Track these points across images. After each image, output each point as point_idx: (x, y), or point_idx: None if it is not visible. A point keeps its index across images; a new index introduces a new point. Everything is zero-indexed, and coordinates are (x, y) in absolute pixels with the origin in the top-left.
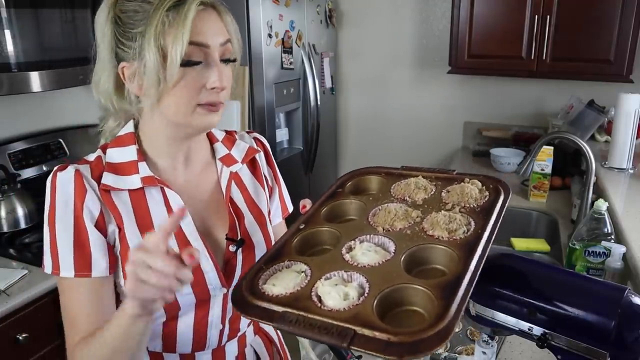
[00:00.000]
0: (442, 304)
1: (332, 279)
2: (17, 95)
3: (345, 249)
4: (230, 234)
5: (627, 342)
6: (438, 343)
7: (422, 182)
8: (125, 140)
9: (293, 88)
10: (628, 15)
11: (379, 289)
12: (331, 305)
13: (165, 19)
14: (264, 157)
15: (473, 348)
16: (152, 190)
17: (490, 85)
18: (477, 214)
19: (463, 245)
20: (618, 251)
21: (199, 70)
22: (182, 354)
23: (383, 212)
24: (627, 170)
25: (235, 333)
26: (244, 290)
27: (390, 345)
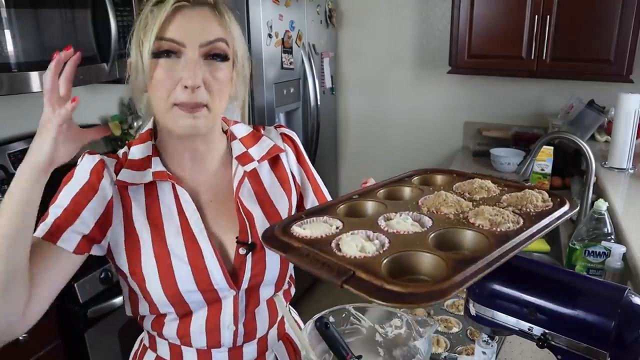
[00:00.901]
0: (449, 272)
1: (356, 234)
2: (17, 95)
3: (384, 217)
4: (241, 236)
5: (627, 342)
6: (426, 300)
7: (488, 184)
8: (144, 136)
9: (293, 88)
10: (628, 15)
11: (396, 250)
12: (345, 251)
13: (149, 14)
14: (294, 155)
15: (473, 348)
16: (164, 185)
17: (490, 85)
18: (529, 217)
19: (499, 236)
20: (618, 251)
21: (173, 65)
22: (198, 348)
23: (434, 196)
24: (627, 170)
25: (252, 335)
26: (277, 228)
27: (379, 290)
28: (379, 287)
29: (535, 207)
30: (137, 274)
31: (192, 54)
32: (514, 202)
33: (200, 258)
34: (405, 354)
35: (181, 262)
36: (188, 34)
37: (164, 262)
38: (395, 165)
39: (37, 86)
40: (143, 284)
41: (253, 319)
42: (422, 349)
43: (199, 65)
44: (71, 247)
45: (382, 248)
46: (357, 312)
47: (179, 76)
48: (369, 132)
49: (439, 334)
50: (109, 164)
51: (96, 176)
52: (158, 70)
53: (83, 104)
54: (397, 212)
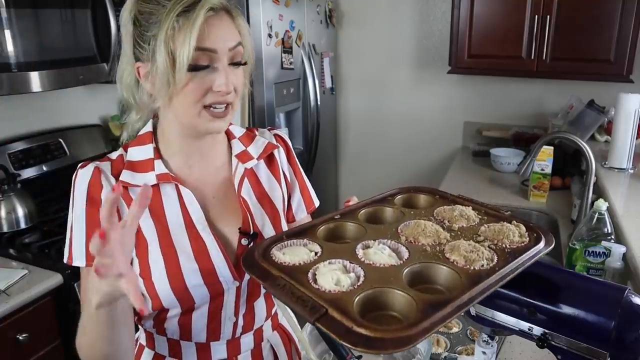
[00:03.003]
0: (417, 317)
1: (334, 264)
2: (17, 95)
3: (362, 245)
4: (243, 227)
5: (627, 342)
6: (393, 347)
7: (468, 212)
8: (144, 139)
9: (293, 88)
10: (628, 15)
11: (370, 286)
12: (321, 284)
13: (175, 24)
14: (285, 154)
15: (473, 348)
16: (167, 187)
17: (490, 85)
18: (504, 254)
19: (472, 276)
20: (618, 251)
21: (206, 74)
22: (197, 342)
23: (414, 225)
24: (627, 170)
25: (250, 326)
26: (256, 251)
27: (349, 332)
28: (348, 329)
29: (512, 242)
30: (145, 272)
31: (223, 61)
32: (490, 236)
33: (206, 253)
34: (405, 354)
35: (188, 258)
36: (219, 40)
37: (171, 259)
38: (395, 165)
39: (37, 86)
40: (150, 281)
41: (252, 310)
42: (422, 349)
43: (230, 73)
44: None
45: (358, 281)
46: None
47: (211, 82)
48: (368, 132)
49: (439, 334)
50: (104, 169)
51: (94, 188)
52: (194, 81)
53: (83, 104)
54: (376, 238)
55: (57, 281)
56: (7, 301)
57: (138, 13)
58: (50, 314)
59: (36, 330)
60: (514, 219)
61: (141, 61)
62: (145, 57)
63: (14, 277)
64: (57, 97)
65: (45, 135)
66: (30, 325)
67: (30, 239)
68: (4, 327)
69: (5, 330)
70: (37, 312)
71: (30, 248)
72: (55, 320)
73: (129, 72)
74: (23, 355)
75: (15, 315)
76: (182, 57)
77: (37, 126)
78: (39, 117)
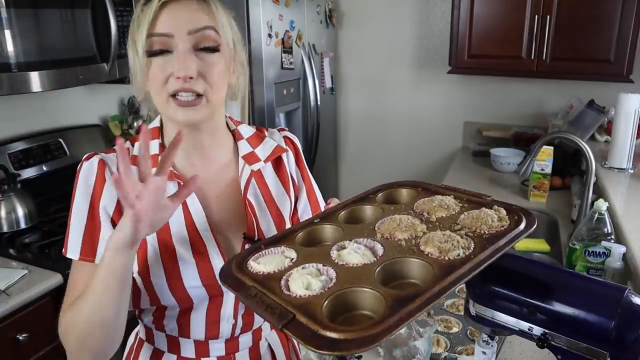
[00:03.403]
0: (386, 314)
1: (307, 269)
2: (17, 95)
3: (337, 246)
4: (248, 232)
5: (627, 342)
6: (356, 347)
7: (448, 201)
8: (150, 134)
9: (293, 88)
10: (628, 15)
11: (339, 287)
12: (292, 290)
13: (140, 15)
14: (293, 157)
15: (473, 348)
16: (170, 184)
17: (490, 85)
18: (482, 241)
19: (445, 266)
20: (618, 251)
21: (165, 60)
22: (196, 340)
23: (390, 220)
24: (627, 170)
25: (249, 327)
26: (234, 262)
27: (314, 336)
28: (314, 332)
29: (490, 227)
30: (143, 270)
31: (182, 46)
32: (468, 224)
33: (205, 255)
34: (405, 354)
35: (187, 259)
36: (175, 24)
37: (170, 259)
38: (395, 165)
39: (37, 86)
40: (148, 279)
41: (251, 312)
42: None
43: (191, 57)
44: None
45: (329, 284)
46: None
47: (172, 67)
48: (368, 132)
49: (439, 334)
50: (109, 162)
51: (97, 182)
52: (153, 67)
53: (83, 104)
54: (352, 238)
55: (57, 281)
56: (7, 301)
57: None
58: (50, 314)
59: (36, 330)
60: (495, 204)
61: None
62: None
63: (14, 277)
64: (57, 97)
65: (45, 135)
66: (30, 325)
67: (30, 239)
68: (4, 327)
69: (5, 330)
70: (37, 312)
71: (30, 248)
72: (55, 320)
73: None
74: (23, 355)
75: (15, 315)
76: (139, 44)
77: (37, 126)
78: (39, 117)
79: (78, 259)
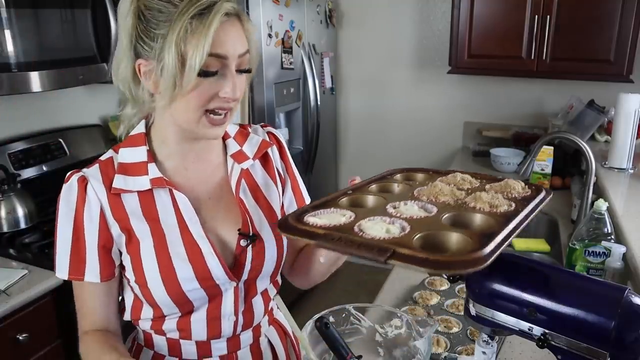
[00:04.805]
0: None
1: (375, 220)
2: (17, 95)
3: (390, 205)
4: (243, 228)
5: (627, 342)
6: (471, 266)
7: (468, 177)
8: (136, 140)
9: (293, 88)
10: (628, 15)
11: (419, 231)
12: (372, 235)
13: (188, 26)
14: (277, 151)
15: (473, 348)
16: (161, 191)
17: (490, 85)
18: (518, 201)
19: (502, 215)
20: (618, 251)
21: (214, 80)
22: (198, 341)
23: (429, 187)
24: (627, 170)
25: (249, 324)
26: (290, 218)
27: (426, 261)
28: (424, 258)
29: (518, 193)
30: (140, 278)
31: (231, 67)
32: (499, 189)
33: (201, 257)
34: (405, 354)
35: (182, 262)
36: (231, 47)
37: (166, 265)
38: (395, 165)
39: (37, 86)
40: (146, 288)
41: (250, 308)
42: (422, 349)
43: (238, 80)
44: (97, 278)
45: (404, 231)
46: (357, 312)
47: (219, 88)
48: (368, 132)
49: (439, 334)
50: (91, 177)
51: (80, 207)
52: (201, 86)
53: (83, 104)
54: (398, 202)
55: (57, 281)
56: (7, 301)
57: (144, 8)
58: (50, 314)
59: (36, 330)
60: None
61: (143, 58)
62: (149, 55)
63: (14, 277)
64: (57, 97)
65: (45, 135)
66: (30, 325)
67: (30, 239)
68: (4, 327)
69: (5, 330)
70: (37, 312)
71: (30, 248)
72: (55, 320)
73: (126, 65)
74: (23, 355)
75: (15, 315)
76: (193, 61)
77: (37, 126)
78: (39, 117)
79: (67, 279)
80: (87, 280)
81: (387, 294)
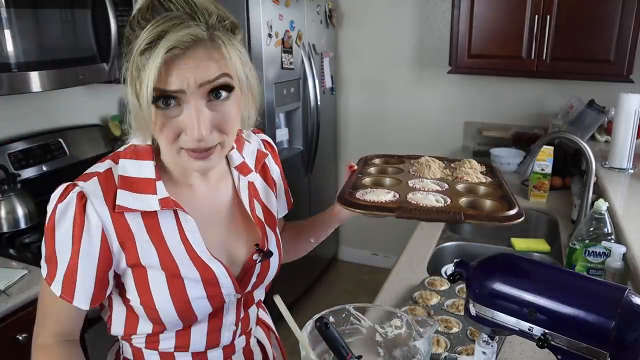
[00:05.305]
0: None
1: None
2: (17, 95)
3: (411, 183)
4: (261, 244)
5: (627, 342)
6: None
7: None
8: (142, 153)
9: (293, 88)
10: (628, 15)
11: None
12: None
13: (139, 63)
14: (272, 159)
15: (473, 348)
16: (166, 212)
17: (490, 85)
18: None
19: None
20: (618, 251)
21: (175, 112)
22: (194, 352)
23: (423, 166)
24: (627, 170)
25: (245, 330)
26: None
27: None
28: (490, 215)
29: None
30: (146, 300)
31: (194, 102)
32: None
33: (214, 277)
34: (405, 354)
35: (195, 284)
36: (184, 80)
37: (177, 286)
38: None
39: (37, 86)
40: (153, 309)
41: (247, 316)
42: (422, 349)
43: (203, 115)
44: (87, 305)
45: (447, 201)
46: (357, 312)
47: (184, 124)
48: (368, 132)
49: (439, 334)
50: (90, 194)
51: (77, 230)
52: (160, 119)
53: (83, 104)
54: (412, 180)
55: None
56: (7, 301)
57: (129, 31)
58: None
59: None
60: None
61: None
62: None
63: (14, 277)
64: (57, 97)
65: (45, 135)
66: (30, 325)
67: (30, 239)
68: (4, 327)
69: (5, 330)
70: None
71: (30, 248)
72: None
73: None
74: (23, 355)
75: (15, 315)
76: (142, 100)
77: (37, 126)
78: (39, 117)
79: (59, 296)
80: (75, 304)
81: (387, 294)
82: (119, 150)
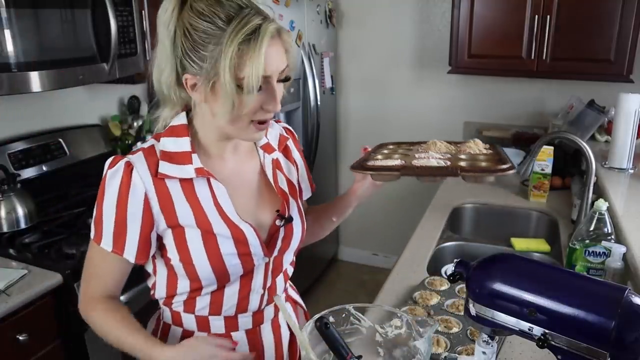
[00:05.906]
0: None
1: (424, 159)
2: (17, 95)
3: (418, 155)
4: (282, 210)
5: (627, 342)
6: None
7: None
8: (178, 131)
9: (293, 88)
10: (628, 15)
11: (458, 162)
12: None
13: (239, 51)
14: (293, 142)
15: (473, 348)
16: (200, 180)
17: (490, 85)
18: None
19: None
20: (618, 251)
21: (259, 94)
22: (226, 316)
23: (430, 144)
24: (627, 170)
25: (271, 300)
26: (364, 164)
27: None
28: (484, 168)
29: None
30: (185, 256)
31: (275, 83)
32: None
33: (243, 236)
34: (405, 354)
35: (227, 240)
36: (275, 65)
37: (211, 243)
38: None
39: (37, 86)
40: (191, 265)
41: (274, 284)
42: (422, 349)
43: (280, 94)
44: (133, 257)
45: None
46: (357, 312)
47: (263, 101)
48: (368, 132)
49: (439, 334)
50: (136, 163)
51: (124, 191)
52: (249, 100)
53: (83, 104)
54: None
55: (57, 281)
56: (7, 301)
57: (190, 27)
58: (50, 314)
59: (36, 330)
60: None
61: (189, 73)
62: (197, 72)
63: (14, 277)
64: (57, 97)
65: (45, 135)
66: (30, 325)
67: (30, 239)
68: (4, 327)
69: (5, 330)
70: (37, 312)
71: (30, 248)
72: (55, 320)
73: (169, 73)
74: (23, 355)
75: (15, 315)
76: (249, 85)
77: (37, 126)
78: (38, 117)
79: (110, 252)
80: (125, 256)
81: (387, 294)
82: (158, 132)
